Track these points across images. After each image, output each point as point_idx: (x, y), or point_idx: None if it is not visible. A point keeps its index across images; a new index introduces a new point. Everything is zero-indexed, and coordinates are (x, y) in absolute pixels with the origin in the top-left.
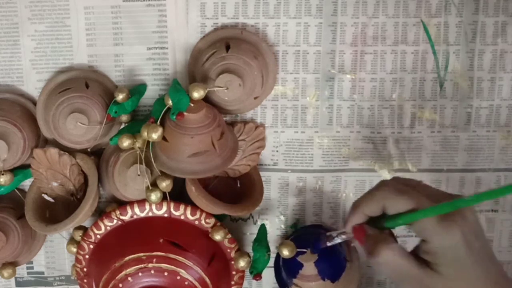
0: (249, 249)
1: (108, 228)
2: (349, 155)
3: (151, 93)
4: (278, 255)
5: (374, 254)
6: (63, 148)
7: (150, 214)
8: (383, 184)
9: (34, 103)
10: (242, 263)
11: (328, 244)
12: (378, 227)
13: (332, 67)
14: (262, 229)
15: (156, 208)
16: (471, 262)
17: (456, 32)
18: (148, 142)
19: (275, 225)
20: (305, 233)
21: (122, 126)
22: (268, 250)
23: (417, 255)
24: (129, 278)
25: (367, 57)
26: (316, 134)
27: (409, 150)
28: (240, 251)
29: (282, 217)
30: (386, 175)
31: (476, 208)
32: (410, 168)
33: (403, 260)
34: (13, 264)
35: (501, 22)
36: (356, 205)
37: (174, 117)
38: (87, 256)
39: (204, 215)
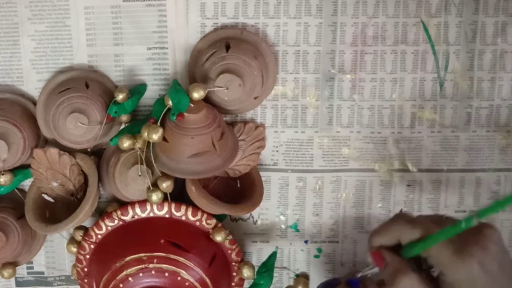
0: (248, 249)
1: (109, 228)
2: (349, 155)
3: (151, 93)
4: None
5: (392, 283)
6: (63, 148)
7: (151, 214)
8: (397, 216)
9: (34, 103)
10: (246, 274)
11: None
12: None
13: (332, 67)
14: (273, 257)
15: (157, 209)
16: None
17: (456, 32)
18: (149, 142)
19: (275, 225)
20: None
21: (122, 126)
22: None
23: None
24: (130, 278)
25: (367, 57)
26: (316, 134)
27: (409, 150)
28: (245, 262)
29: (282, 217)
30: (386, 176)
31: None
32: (410, 168)
33: None
34: (13, 264)
35: (501, 22)
36: (372, 236)
37: (174, 117)
38: (88, 256)
39: (205, 216)
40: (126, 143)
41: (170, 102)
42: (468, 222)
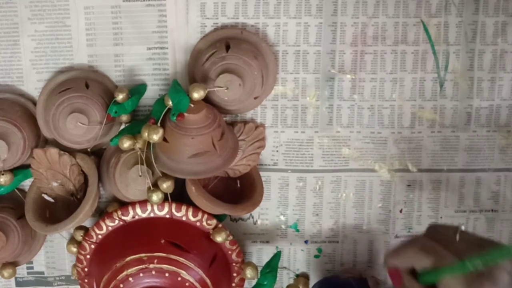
0: (248, 249)
1: (110, 228)
2: (349, 155)
3: (151, 93)
4: None
5: None
6: (63, 148)
7: (152, 214)
8: (413, 241)
9: (34, 103)
10: (250, 274)
11: None
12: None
13: (332, 67)
14: (277, 257)
15: (157, 209)
16: None
17: (456, 32)
18: (149, 142)
19: (275, 225)
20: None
21: (122, 127)
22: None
23: None
24: (130, 279)
25: (367, 57)
26: (316, 134)
27: (409, 150)
28: (248, 263)
29: (282, 217)
30: (386, 176)
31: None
32: (410, 168)
33: None
34: (13, 264)
35: (501, 22)
36: (388, 257)
37: (175, 118)
38: (88, 256)
39: (205, 216)
40: (126, 144)
41: (170, 102)
42: (475, 266)
